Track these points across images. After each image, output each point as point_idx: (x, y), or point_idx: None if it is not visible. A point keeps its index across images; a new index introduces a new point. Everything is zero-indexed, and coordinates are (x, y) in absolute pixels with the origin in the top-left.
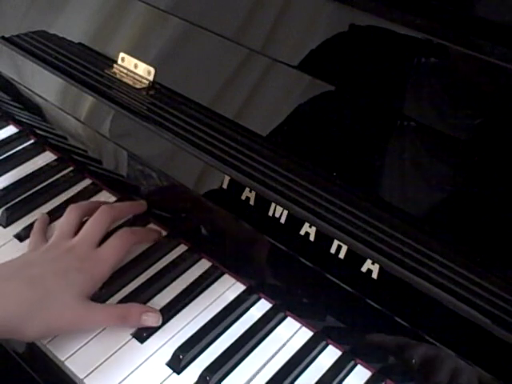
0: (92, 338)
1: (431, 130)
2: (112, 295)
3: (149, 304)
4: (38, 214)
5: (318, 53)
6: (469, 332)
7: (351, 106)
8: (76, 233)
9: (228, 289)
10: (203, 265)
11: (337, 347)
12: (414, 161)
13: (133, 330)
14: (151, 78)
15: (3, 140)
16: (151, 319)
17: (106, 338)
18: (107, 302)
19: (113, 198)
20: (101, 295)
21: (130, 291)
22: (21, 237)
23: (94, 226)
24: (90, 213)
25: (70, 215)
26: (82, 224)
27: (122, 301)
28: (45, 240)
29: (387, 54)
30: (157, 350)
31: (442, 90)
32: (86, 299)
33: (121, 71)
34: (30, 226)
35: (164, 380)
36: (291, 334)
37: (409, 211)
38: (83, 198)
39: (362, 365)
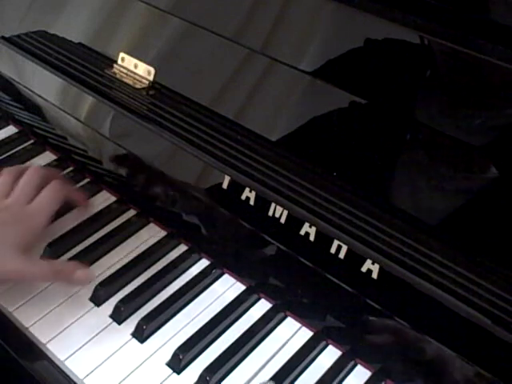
0: (92, 338)
1: (431, 130)
2: (112, 295)
3: (150, 302)
4: None
5: (317, 53)
6: (469, 332)
7: (351, 105)
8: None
9: (228, 289)
10: (203, 264)
11: (337, 347)
12: (414, 161)
13: (132, 330)
14: (151, 78)
15: (3, 140)
16: (84, 277)
17: (106, 338)
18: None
19: (113, 198)
20: (104, 293)
21: (129, 291)
22: None
23: (24, 184)
24: (21, 175)
25: (3, 179)
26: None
27: (124, 300)
28: None
29: (388, 54)
30: (157, 350)
31: (440, 89)
32: (26, 251)
33: (121, 71)
34: None
35: (164, 380)
36: (291, 334)
37: (409, 211)
38: None
39: (361, 365)
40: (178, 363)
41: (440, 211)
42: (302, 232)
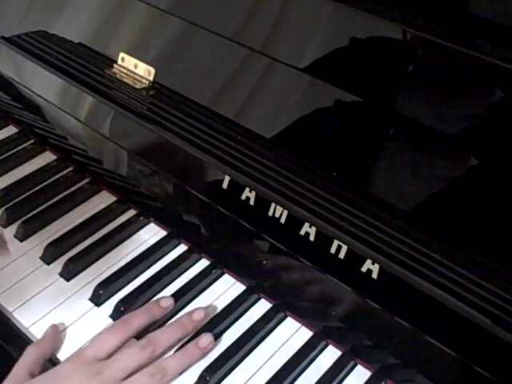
0: (93, 338)
1: (431, 130)
2: (112, 295)
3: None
4: (38, 214)
5: (317, 53)
6: (469, 332)
7: (351, 106)
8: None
9: (228, 289)
10: (203, 264)
11: (337, 347)
12: (414, 161)
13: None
14: (151, 78)
15: (3, 140)
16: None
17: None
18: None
19: (113, 198)
20: (103, 293)
21: (129, 291)
22: (21, 237)
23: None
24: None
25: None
26: None
27: (124, 300)
28: None
29: (387, 53)
30: None
31: (440, 89)
32: None
33: (121, 71)
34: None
35: None
36: (291, 334)
37: (409, 211)
38: (83, 198)
39: (361, 365)
40: None
41: (440, 211)
42: (302, 232)
